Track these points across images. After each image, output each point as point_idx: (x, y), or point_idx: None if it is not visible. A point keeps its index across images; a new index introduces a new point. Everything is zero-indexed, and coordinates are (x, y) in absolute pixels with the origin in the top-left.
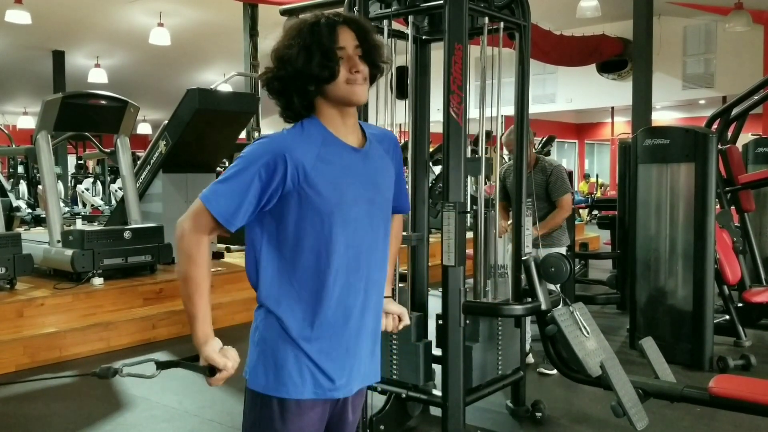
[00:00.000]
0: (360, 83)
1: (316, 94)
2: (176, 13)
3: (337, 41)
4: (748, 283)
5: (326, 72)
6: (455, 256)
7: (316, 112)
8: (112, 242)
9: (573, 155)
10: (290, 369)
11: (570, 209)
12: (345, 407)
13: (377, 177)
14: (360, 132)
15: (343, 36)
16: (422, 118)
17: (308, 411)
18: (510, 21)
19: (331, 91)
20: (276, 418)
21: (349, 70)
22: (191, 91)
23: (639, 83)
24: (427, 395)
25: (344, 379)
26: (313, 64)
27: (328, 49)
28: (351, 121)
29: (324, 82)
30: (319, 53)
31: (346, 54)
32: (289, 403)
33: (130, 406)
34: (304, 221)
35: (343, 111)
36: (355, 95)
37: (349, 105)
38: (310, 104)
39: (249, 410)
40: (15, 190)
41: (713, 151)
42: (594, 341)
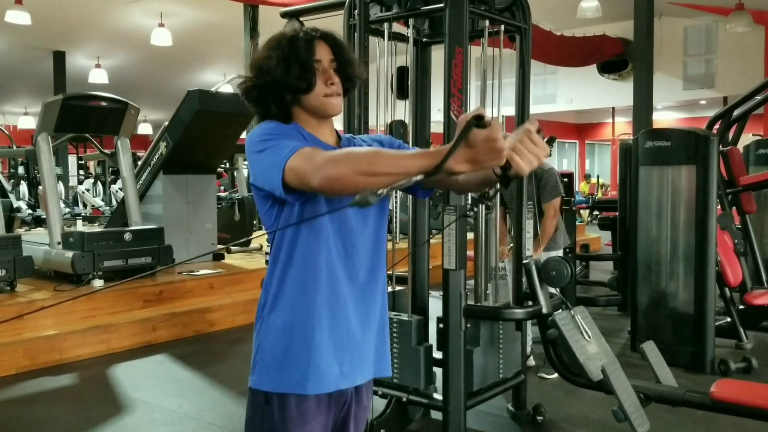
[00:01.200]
0: (335, 96)
1: (293, 103)
2: (177, 14)
3: (314, 54)
4: (750, 285)
5: (303, 83)
6: (456, 260)
7: (294, 118)
8: (112, 244)
9: (574, 156)
10: (290, 364)
11: (556, 214)
12: (347, 418)
13: None
14: (335, 133)
15: (320, 50)
16: (423, 120)
17: (310, 407)
18: (510, 24)
19: (307, 101)
20: (276, 415)
21: (325, 83)
22: (192, 92)
23: (640, 84)
24: (427, 399)
25: (346, 367)
26: (291, 75)
27: (306, 61)
28: (327, 127)
29: (301, 93)
30: (297, 65)
31: (322, 67)
32: (290, 398)
33: (130, 409)
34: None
35: (319, 119)
36: (331, 106)
37: (324, 116)
38: (288, 112)
39: (251, 409)
40: (15, 191)
41: (714, 153)
42: (595, 345)
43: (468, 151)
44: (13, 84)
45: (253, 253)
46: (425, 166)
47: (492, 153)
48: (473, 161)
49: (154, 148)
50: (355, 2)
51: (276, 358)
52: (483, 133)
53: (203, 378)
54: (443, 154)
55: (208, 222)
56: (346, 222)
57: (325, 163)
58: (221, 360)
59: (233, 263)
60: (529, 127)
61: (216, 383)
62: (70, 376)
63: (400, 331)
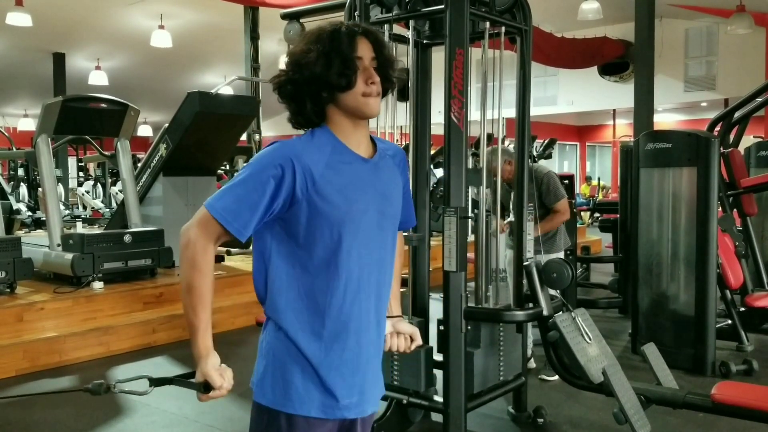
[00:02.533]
0: (374, 95)
1: (328, 101)
2: (177, 16)
3: (356, 50)
4: (751, 288)
5: (344, 80)
6: (457, 262)
7: (327, 120)
8: (112, 246)
9: (574, 158)
10: (298, 384)
11: (568, 213)
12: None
13: (387, 188)
14: (371, 143)
15: (362, 46)
16: (423, 122)
17: (316, 429)
18: (511, 25)
19: (345, 100)
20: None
21: (365, 81)
22: (192, 94)
23: (640, 85)
24: (428, 401)
25: (355, 398)
26: (332, 71)
27: (348, 57)
28: (362, 131)
29: (339, 90)
30: (339, 60)
31: (363, 65)
32: (297, 420)
33: (130, 412)
34: (313, 231)
35: (355, 121)
36: (369, 107)
37: (361, 117)
38: (322, 111)
39: (255, 424)
40: (15, 192)
41: (715, 156)
42: (596, 347)
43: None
44: (13, 86)
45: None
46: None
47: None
48: None
49: (154, 150)
50: (355, 4)
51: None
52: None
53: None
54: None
55: None
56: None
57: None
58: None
59: (233, 265)
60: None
61: None
62: (69, 379)
63: None
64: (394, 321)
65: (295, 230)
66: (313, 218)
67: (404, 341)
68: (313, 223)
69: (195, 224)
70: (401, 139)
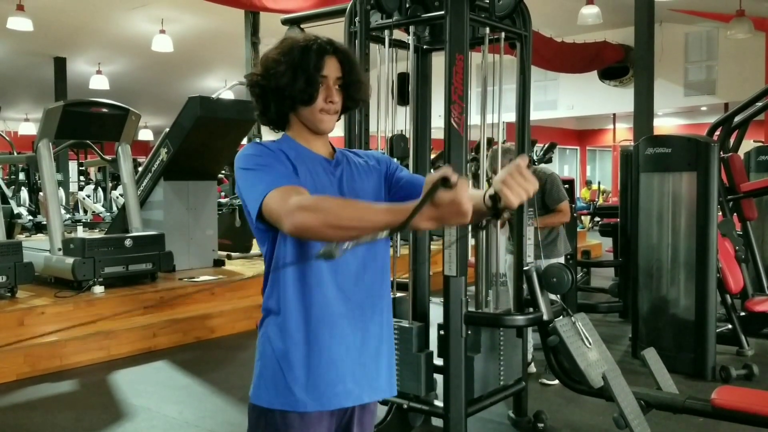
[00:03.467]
0: (330, 114)
1: (290, 109)
2: (178, 20)
3: (322, 69)
4: (751, 292)
5: (305, 96)
6: (457, 266)
7: (288, 126)
8: (112, 250)
9: (575, 162)
10: (289, 381)
11: (569, 215)
12: (351, 424)
13: (353, 182)
14: (329, 145)
15: (329, 65)
16: (423, 127)
17: (313, 425)
18: (511, 31)
19: (303, 113)
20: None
21: (324, 99)
22: (192, 98)
23: (640, 90)
24: (428, 406)
25: (349, 384)
26: (296, 86)
27: (312, 76)
28: (321, 140)
29: (300, 104)
30: (303, 77)
31: (326, 83)
32: (293, 417)
33: (131, 416)
34: None
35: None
36: (323, 123)
37: (314, 131)
38: (285, 116)
39: (253, 426)
40: (16, 197)
41: (715, 160)
42: (596, 352)
43: (433, 210)
44: (15, 90)
45: (254, 259)
46: (391, 221)
47: (457, 214)
48: (438, 220)
49: (154, 155)
50: (356, 9)
51: (275, 377)
52: (449, 195)
53: (204, 384)
54: (409, 211)
55: (208, 228)
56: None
57: (297, 210)
58: (222, 366)
59: (234, 269)
60: (519, 162)
61: (216, 390)
62: (70, 383)
63: (401, 338)
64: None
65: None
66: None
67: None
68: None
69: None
70: None
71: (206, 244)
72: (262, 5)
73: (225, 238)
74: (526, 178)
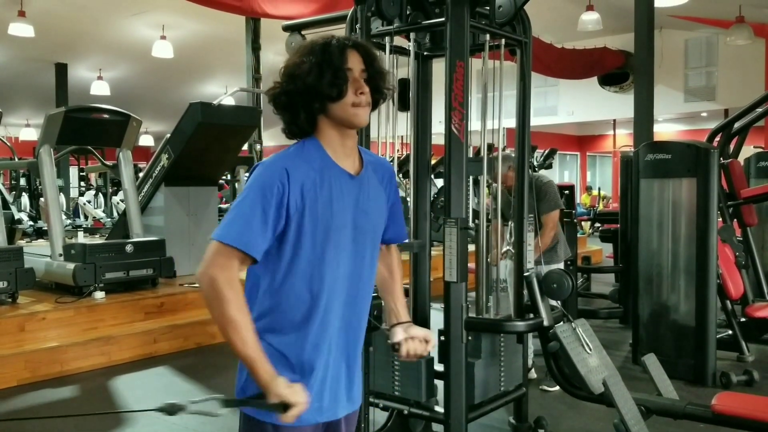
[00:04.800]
0: (363, 106)
1: (320, 111)
2: (179, 26)
3: (346, 62)
4: (751, 298)
5: (335, 90)
6: (457, 272)
7: (317, 131)
8: (113, 256)
9: (575, 168)
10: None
11: (554, 226)
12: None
13: (368, 203)
14: (358, 156)
15: (352, 58)
16: (424, 133)
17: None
18: (511, 38)
19: (335, 110)
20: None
21: (355, 92)
22: (193, 104)
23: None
24: (429, 412)
25: (326, 401)
26: (324, 81)
27: (338, 68)
28: (350, 143)
29: (330, 100)
30: (330, 71)
31: (353, 76)
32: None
33: (131, 423)
34: (300, 245)
35: (343, 132)
36: (357, 117)
37: (350, 127)
38: (314, 121)
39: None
40: (17, 202)
41: (715, 166)
42: (596, 358)
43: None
44: (16, 96)
45: None
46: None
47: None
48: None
49: (155, 160)
50: (356, 16)
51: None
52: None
53: (204, 390)
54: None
55: (209, 234)
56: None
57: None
58: (222, 372)
59: None
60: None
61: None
62: (71, 389)
63: None
64: (405, 326)
65: (284, 244)
66: (300, 233)
67: (420, 344)
68: (300, 238)
69: (210, 263)
70: (402, 149)
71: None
72: (263, 11)
73: None
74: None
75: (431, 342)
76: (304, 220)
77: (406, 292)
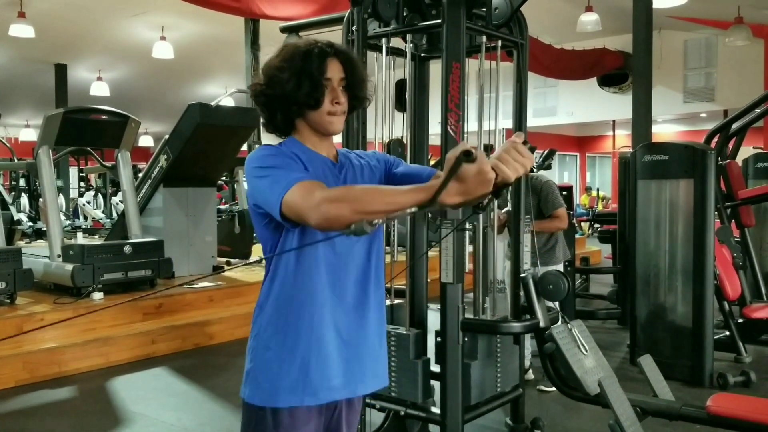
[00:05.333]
0: (338, 115)
1: (297, 115)
2: (178, 27)
3: (325, 72)
4: (749, 299)
5: (312, 100)
6: (453, 273)
7: (294, 131)
8: (112, 257)
9: (574, 168)
10: (282, 377)
11: (566, 221)
12: (339, 422)
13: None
14: (333, 149)
15: (332, 67)
16: (421, 134)
17: (303, 421)
18: (507, 39)
19: (312, 116)
20: (270, 426)
21: (331, 102)
22: (192, 106)
23: (639, 97)
24: (425, 413)
25: (344, 378)
26: (301, 91)
27: (317, 79)
28: (328, 142)
29: (308, 109)
30: (308, 82)
31: (331, 85)
32: (282, 413)
33: (129, 423)
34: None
35: (319, 134)
36: (332, 125)
37: (324, 134)
38: (291, 122)
39: (245, 423)
40: (16, 203)
41: (712, 168)
42: (592, 359)
43: (459, 185)
44: (15, 96)
45: (253, 265)
46: (419, 200)
47: (482, 184)
48: (464, 193)
49: (154, 161)
50: (353, 18)
51: (269, 374)
52: (473, 167)
53: (202, 391)
54: (435, 188)
55: (208, 235)
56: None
57: (323, 202)
58: (220, 373)
59: (233, 276)
60: (514, 139)
61: (215, 396)
62: (69, 389)
63: (398, 345)
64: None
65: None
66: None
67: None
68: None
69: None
70: None
71: (205, 250)
72: (261, 13)
73: (224, 244)
74: (522, 153)
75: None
76: None
77: (402, 294)
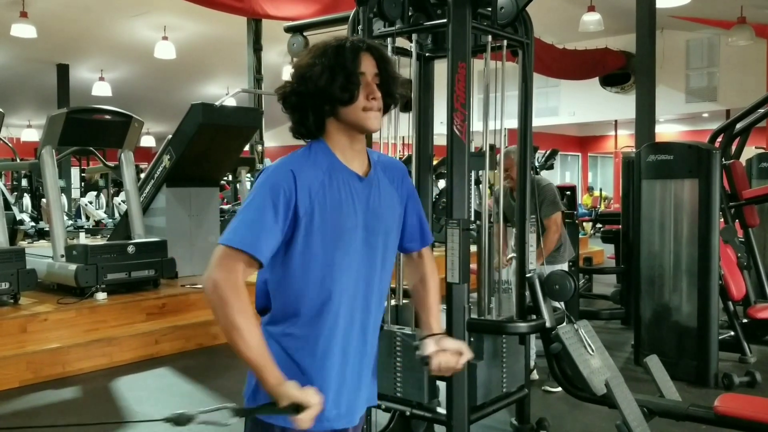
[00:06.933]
0: (375, 110)
1: (330, 114)
2: (180, 27)
3: (359, 66)
4: (753, 299)
5: (346, 95)
6: (459, 273)
7: (325, 134)
8: (115, 257)
9: (576, 168)
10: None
11: (558, 228)
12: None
13: (379, 205)
14: (366, 158)
15: (365, 62)
16: (425, 134)
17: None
18: (513, 39)
19: (346, 114)
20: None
21: (366, 96)
22: (195, 106)
23: (642, 97)
24: (431, 413)
25: (343, 407)
26: (335, 85)
27: (351, 72)
28: (359, 146)
29: (341, 104)
30: (342, 75)
31: (365, 80)
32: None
33: (132, 425)
34: (309, 248)
35: (352, 136)
36: (369, 121)
37: (361, 131)
38: (322, 123)
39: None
40: (19, 203)
41: (716, 167)
42: (599, 359)
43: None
44: (18, 97)
45: None
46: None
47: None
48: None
49: (157, 161)
50: (358, 17)
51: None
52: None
53: (206, 391)
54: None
55: (211, 235)
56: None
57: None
58: (224, 373)
59: None
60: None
61: (219, 396)
62: (73, 390)
63: (404, 345)
64: (437, 338)
65: (293, 248)
66: (310, 236)
67: (452, 357)
68: (309, 241)
69: (214, 266)
70: (403, 149)
71: (208, 250)
72: (264, 13)
73: None
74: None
75: (465, 354)
76: (313, 223)
77: (408, 294)
